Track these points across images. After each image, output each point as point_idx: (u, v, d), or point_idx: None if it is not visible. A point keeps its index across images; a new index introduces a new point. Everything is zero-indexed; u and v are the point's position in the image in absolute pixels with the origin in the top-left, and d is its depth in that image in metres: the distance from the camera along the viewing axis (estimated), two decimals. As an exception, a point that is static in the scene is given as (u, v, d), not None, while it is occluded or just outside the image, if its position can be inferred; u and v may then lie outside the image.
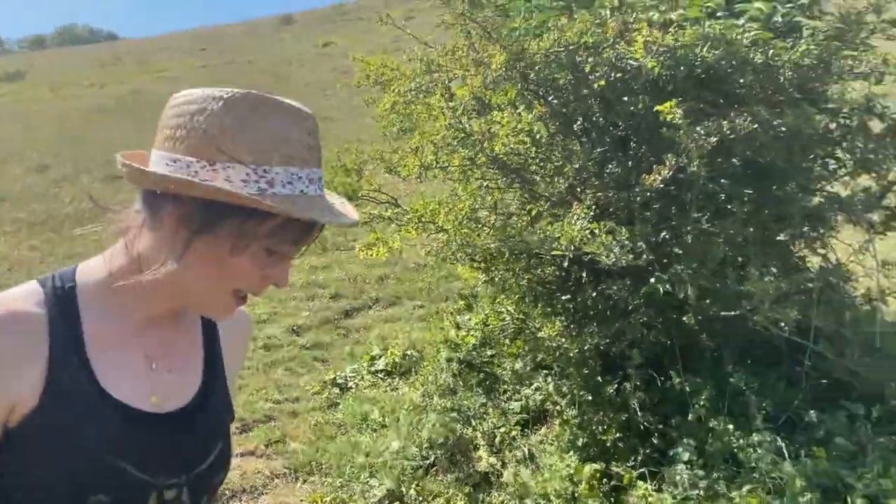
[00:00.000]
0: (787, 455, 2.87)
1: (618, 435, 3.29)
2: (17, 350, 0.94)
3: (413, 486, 3.48)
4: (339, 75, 18.35)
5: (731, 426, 3.02)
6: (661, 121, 2.71)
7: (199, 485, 1.07)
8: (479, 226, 3.53)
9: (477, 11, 3.33)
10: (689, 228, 3.01)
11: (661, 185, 2.70)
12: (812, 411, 3.20)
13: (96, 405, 0.98)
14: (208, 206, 0.92)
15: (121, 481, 0.98)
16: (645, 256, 3.05)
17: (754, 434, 2.96)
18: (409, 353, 5.15)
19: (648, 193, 2.98)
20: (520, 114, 3.24)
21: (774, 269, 3.50)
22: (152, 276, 0.97)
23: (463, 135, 3.36)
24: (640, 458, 3.19)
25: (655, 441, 3.25)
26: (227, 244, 0.95)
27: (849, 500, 2.66)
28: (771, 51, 2.71)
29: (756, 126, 2.57)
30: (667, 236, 3.21)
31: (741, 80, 2.80)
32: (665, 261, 3.21)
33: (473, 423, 3.92)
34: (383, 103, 3.69)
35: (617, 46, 2.78)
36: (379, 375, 5.01)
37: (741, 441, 2.97)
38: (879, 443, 3.00)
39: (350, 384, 4.95)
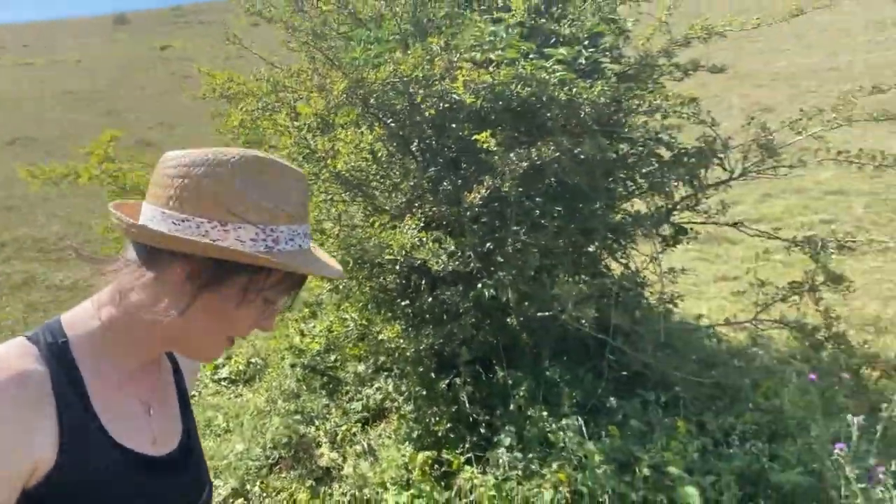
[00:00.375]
0: (590, 436, 3.27)
1: (449, 426, 3.56)
2: (31, 411, 0.93)
3: (257, 483, 3.59)
4: (180, 80, 17.73)
5: (545, 413, 3.37)
6: (480, 147, 3.07)
7: None
8: (325, 236, 3.72)
9: (320, 41, 3.54)
10: (509, 240, 3.38)
11: (482, 203, 3.04)
12: (613, 398, 3.64)
13: (111, 455, 0.99)
14: (219, 264, 0.97)
15: None
16: (473, 264, 3.39)
17: (564, 419, 3.32)
18: (253, 360, 5.20)
19: (476, 209, 3.31)
20: (362, 133, 3.44)
21: (584, 276, 3.97)
22: (150, 327, 1.01)
23: (308, 151, 3.52)
24: (467, 445, 3.47)
25: (482, 430, 3.55)
26: (233, 299, 1.00)
27: (637, 470, 3.10)
28: (574, 89, 3.14)
29: (559, 153, 2.99)
30: (491, 247, 3.55)
31: (548, 114, 3.20)
32: (491, 268, 3.55)
33: (316, 423, 4.07)
34: (231, 120, 3.80)
35: (443, 82, 3.11)
36: (223, 383, 5.03)
37: (553, 426, 3.32)
38: (665, 423, 3.47)
39: (192, 392, 4.95)
